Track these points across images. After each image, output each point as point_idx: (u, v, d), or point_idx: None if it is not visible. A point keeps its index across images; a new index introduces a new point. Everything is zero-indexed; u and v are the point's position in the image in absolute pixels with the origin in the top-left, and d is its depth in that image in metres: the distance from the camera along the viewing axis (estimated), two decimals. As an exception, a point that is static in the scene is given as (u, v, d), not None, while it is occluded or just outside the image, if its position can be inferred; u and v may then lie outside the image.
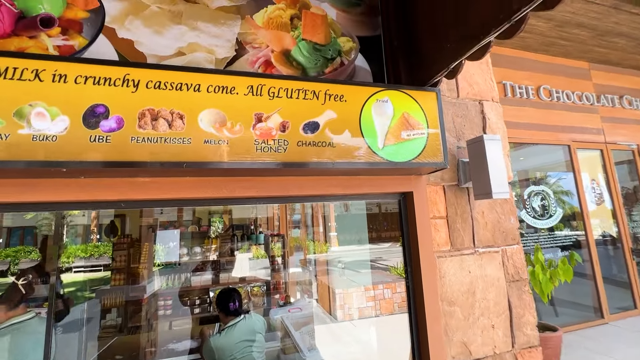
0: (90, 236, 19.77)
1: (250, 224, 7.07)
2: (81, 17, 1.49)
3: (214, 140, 1.26)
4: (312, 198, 1.63)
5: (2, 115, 1.08)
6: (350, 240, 15.71)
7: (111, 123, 1.17)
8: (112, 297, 5.18)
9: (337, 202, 1.81)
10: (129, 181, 1.35)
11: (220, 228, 12.25)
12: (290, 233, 8.39)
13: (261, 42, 1.72)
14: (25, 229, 19.90)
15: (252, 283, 5.69)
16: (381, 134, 1.48)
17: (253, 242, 6.09)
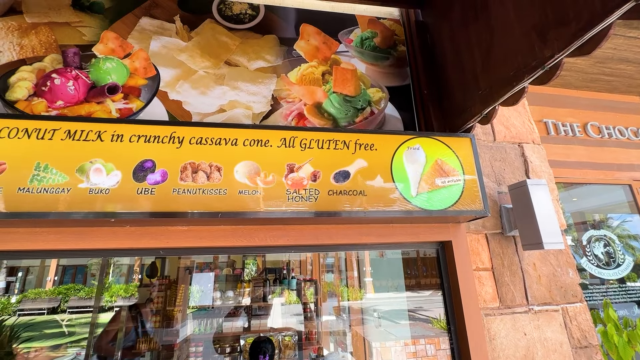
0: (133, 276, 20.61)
1: (283, 268, 6.97)
2: (141, 84, 1.72)
3: (248, 190, 1.31)
4: (344, 247, 1.58)
5: (67, 171, 1.22)
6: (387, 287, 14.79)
7: (157, 176, 1.27)
8: (147, 341, 5.18)
9: (349, 251, 1.74)
10: (168, 229, 1.42)
11: (254, 271, 12.22)
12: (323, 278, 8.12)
13: (295, 96, 1.84)
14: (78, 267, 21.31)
15: (283, 332, 5.46)
16: (414, 181, 1.45)
17: (285, 287, 5.96)
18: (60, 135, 1.26)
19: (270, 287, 5.83)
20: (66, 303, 16.13)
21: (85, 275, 19.98)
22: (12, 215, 1.15)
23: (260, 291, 5.86)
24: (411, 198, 1.42)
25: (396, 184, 1.43)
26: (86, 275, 19.95)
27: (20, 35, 1.70)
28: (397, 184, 1.43)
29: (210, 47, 1.87)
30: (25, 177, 1.19)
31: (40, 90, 1.60)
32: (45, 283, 18.70)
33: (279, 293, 6.02)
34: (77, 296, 16.50)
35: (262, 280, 5.87)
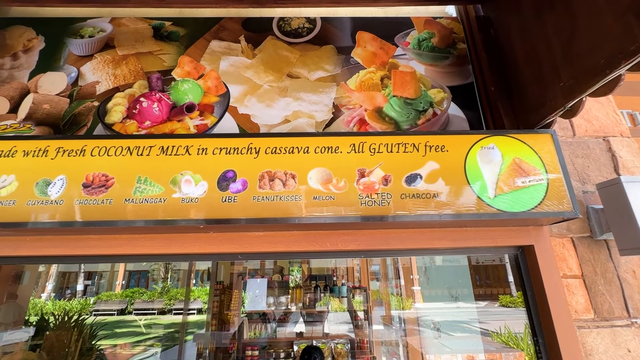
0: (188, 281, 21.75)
1: (333, 275, 6.97)
2: (213, 101, 1.86)
3: (322, 196, 1.35)
4: (415, 252, 1.55)
5: (162, 183, 1.36)
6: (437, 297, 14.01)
7: (238, 185, 1.36)
8: (206, 342, 5.46)
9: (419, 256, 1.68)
10: (246, 235, 1.50)
11: (299, 278, 12.34)
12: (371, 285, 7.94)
13: (355, 103, 1.87)
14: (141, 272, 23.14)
15: (335, 339, 5.42)
16: (491, 182, 1.38)
17: (335, 294, 5.94)
18: (155, 151, 1.41)
19: (321, 293, 5.85)
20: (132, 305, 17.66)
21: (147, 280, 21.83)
22: (121, 223, 1.31)
23: (311, 298, 5.91)
24: (489, 200, 1.35)
25: (472, 186, 1.37)
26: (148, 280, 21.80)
27: (114, 66, 1.95)
28: (472, 186, 1.37)
29: (272, 62, 1.97)
30: (129, 189, 1.35)
31: (131, 113, 1.82)
32: (115, 286, 20.75)
33: (329, 300, 6.02)
34: (140, 299, 18.01)
35: (312, 287, 5.92)
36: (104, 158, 1.40)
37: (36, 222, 1.30)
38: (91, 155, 1.40)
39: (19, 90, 1.86)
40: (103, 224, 1.29)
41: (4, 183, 1.36)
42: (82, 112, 1.82)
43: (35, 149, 1.41)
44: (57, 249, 1.49)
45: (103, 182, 1.36)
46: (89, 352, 6.58)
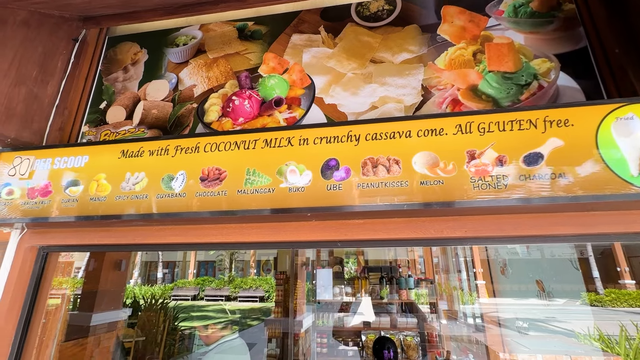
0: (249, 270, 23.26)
1: (398, 266, 6.84)
2: (300, 94, 1.90)
3: (429, 181, 1.29)
4: (530, 239, 1.41)
5: (269, 174, 1.43)
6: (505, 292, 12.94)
7: (341, 173, 1.37)
8: (273, 328, 5.74)
9: (535, 244, 1.50)
10: (346, 223, 1.52)
11: (353, 270, 12.35)
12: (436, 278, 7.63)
13: (446, 83, 1.76)
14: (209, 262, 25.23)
15: (404, 332, 5.32)
16: (632, 158, 1.19)
17: (402, 286, 5.82)
18: (260, 144, 1.48)
19: (387, 285, 5.78)
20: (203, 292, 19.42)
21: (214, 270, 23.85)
22: (233, 213, 1.41)
23: (377, 289, 5.88)
24: (632, 179, 1.17)
25: (607, 163, 1.20)
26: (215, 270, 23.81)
27: (207, 69, 2.10)
28: (608, 163, 1.20)
29: (354, 49, 1.95)
30: (241, 181, 1.44)
31: (226, 111, 1.94)
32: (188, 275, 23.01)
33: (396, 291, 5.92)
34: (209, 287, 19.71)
35: (378, 278, 5.88)
36: (216, 153, 1.51)
37: (167, 213, 1.46)
38: (204, 151, 1.53)
39: (132, 99, 2.11)
40: (222, 214, 1.40)
41: (137, 179, 1.55)
42: (184, 114, 1.99)
43: (158, 148, 1.58)
44: (178, 237, 1.67)
45: (217, 175, 1.48)
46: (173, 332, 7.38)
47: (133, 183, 1.55)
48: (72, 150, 1.68)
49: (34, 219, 1.60)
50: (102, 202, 1.55)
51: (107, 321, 3.17)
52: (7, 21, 1.77)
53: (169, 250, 1.74)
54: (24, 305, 1.75)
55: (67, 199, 1.59)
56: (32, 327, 1.76)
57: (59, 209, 1.59)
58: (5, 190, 1.67)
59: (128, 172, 1.57)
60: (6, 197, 1.66)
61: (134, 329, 6.40)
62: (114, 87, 2.18)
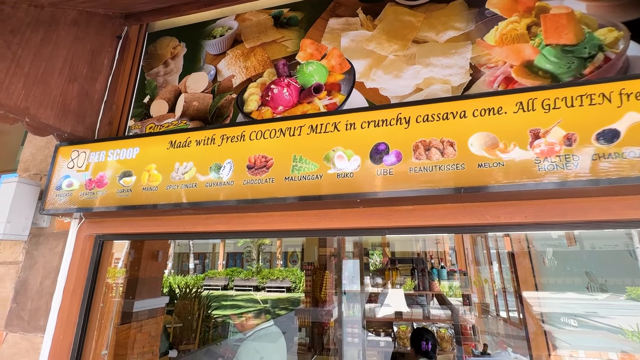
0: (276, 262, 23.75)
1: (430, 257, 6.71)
2: (339, 79, 1.86)
3: (488, 163, 1.22)
4: (598, 224, 1.30)
5: (317, 160, 1.41)
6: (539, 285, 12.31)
7: (392, 157, 1.33)
8: (303, 317, 5.81)
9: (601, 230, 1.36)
10: (393, 209, 1.48)
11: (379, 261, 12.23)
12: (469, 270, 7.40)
13: (497, 60, 1.65)
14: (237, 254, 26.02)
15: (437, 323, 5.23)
16: None
17: (433, 277, 5.71)
18: (305, 130, 1.47)
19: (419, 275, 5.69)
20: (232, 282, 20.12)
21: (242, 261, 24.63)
22: (281, 200, 1.41)
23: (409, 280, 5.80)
24: None
25: (698, 138, 1.07)
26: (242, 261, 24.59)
27: (244, 59, 2.10)
28: (699, 138, 1.07)
29: (395, 30, 1.87)
30: (287, 168, 1.44)
31: (265, 100, 1.94)
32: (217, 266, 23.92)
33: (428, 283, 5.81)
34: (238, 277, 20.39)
35: (409, 269, 5.79)
36: (261, 141, 1.51)
37: (217, 201, 1.49)
38: (250, 140, 1.54)
39: (173, 92, 2.16)
40: (271, 201, 1.41)
41: (185, 169, 1.59)
42: (224, 105, 2.01)
43: (204, 138, 1.61)
44: (224, 225, 1.70)
45: (264, 163, 1.48)
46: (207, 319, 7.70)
47: (182, 172, 1.59)
48: (123, 143, 1.75)
49: (92, 209, 1.69)
50: (154, 191, 1.61)
51: (147, 308, 3.33)
52: (59, 21, 1.85)
53: (216, 239, 1.79)
54: (85, 289, 1.87)
55: (122, 189, 1.66)
56: (93, 309, 1.88)
57: (114, 198, 1.66)
58: (65, 182, 1.78)
59: (177, 162, 1.61)
60: (66, 189, 1.77)
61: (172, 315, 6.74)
62: (156, 81, 2.24)
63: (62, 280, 1.86)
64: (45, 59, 1.77)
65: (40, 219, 1.98)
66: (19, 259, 2.00)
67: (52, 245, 1.97)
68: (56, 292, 1.84)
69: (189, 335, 6.69)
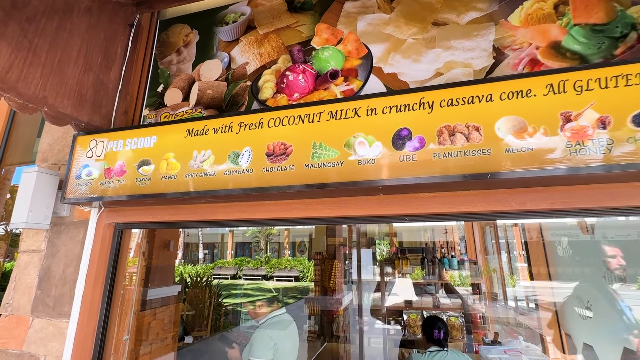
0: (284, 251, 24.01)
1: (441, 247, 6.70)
2: (356, 64, 1.82)
3: (515, 148, 1.18)
4: (628, 211, 1.27)
5: (337, 146, 1.39)
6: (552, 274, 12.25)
7: (415, 143, 1.30)
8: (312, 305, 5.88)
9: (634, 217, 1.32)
10: (415, 197, 1.46)
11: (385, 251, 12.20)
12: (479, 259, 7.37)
13: (522, 42, 1.59)
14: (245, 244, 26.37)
15: (447, 312, 5.25)
16: None
17: (444, 266, 5.70)
18: (325, 116, 1.44)
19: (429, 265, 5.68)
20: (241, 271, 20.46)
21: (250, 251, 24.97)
22: (304, 187, 1.40)
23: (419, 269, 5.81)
24: None
25: None
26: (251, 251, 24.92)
27: (258, 45, 2.07)
28: None
29: (413, 13, 1.81)
30: (307, 155, 1.42)
31: (280, 87, 1.91)
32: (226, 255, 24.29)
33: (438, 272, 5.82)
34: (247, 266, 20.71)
35: (419, 259, 5.79)
36: (280, 128, 1.50)
37: (236, 189, 1.48)
38: (268, 127, 1.52)
39: (187, 81, 2.14)
40: (291, 188, 1.40)
41: (204, 157, 1.58)
42: (238, 93, 1.99)
43: (222, 125, 1.60)
44: (243, 213, 1.70)
45: (282, 150, 1.46)
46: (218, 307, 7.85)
47: (200, 161, 1.58)
48: (140, 132, 1.75)
49: (112, 197, 1.70)
50: (173, 180, 1.61)
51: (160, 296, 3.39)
52: (73, 9, 1.83)
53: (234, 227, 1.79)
54: (107, 276, 1.90)
55: (141, 177, 1.67)
56: (115, 296, 1.92)
57: (133, 187, 1.67)
58: (85, 172, 1.79)
59: (195, 150, 1.61)
60: (86, 178, 1.78)
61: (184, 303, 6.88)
62: (169, 69, 2.22)
63: (84, 268, 1.90)
64: (60, 48, 1.76)
65: (60, 208, 2.01)
66: (41, 248, 2.04)
67: (72, 234, 2.01)
68: (79, 280, 1.88)
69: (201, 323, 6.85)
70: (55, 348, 1.81)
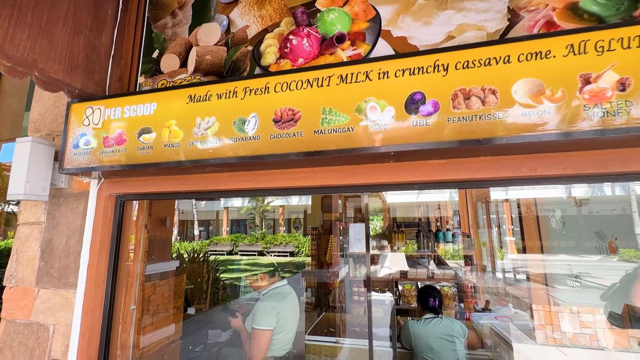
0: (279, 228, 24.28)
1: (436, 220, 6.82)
2: (363, 27, 1.74)
3: (532, 111, 1.16)
4: (636, 176, 1.28)
5: (348, 112, 1.35)
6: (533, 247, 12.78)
7: (428, 107, 1.26)
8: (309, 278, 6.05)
9: None
10: (425, 164, 1.44)
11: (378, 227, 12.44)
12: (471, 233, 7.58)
13: (538, 2, 1.52)
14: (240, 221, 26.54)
15: (441, 282, 5.45)
16: None
17: (440, 239, 5.84)
18: (334, 80, 1.39)
19: (424, 238, 5.82)
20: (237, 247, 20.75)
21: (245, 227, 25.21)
22: (313, 154, 1.37)
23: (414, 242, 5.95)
24: None
25: None
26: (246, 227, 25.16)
27: (259, 7, 1.95)
28: None
29: (425, -29, 1.71)
30: (317, 121, 1.38)
31: (283, 52, 1.83)
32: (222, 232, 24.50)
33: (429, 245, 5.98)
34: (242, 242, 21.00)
35: (414, 232, 5.91)
36: (287, 93, 1.44)
37: (243, 157, 1.45)
38: (275, 92, 1.46)
39: (184, 46, 2.03)
40: (300, 155, 1.37)
41: (207, 124, 1.53)
42: (239, 58, 1.90)
43: (225, 91, 1.53)
44: (248, 183, 1.68)
45: (291, 116, 1.42)
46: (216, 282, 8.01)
47: (204, 128, 1.53)
48: (139, 98, 1.67)
49: (113, 167, 1.65)
50: (176, 148, 1.56)
51: (159, 271, 3.43)
52: (57, -37, 1.69)
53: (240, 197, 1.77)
54: (111, 247, 1.89)
55: (142, 146, 1.62)
56: (120, 267, 1.92)
57: (135, 156, 1.62)
58: (82, 141, 1.73)
59: (198, 117, 1.55)
60: (84, 147, 1.72)
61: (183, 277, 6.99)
62: (164, 34, 2.10)
63: (87, 239, 1.88)
64: (47, 7, 1.63)
65: (58, 180, 1.95)
66: (41, 220, 2.00)
67: (72, 205, 1.97)
68: (83, 251, 1.86)
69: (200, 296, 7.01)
70: (64, 317, 1.82)
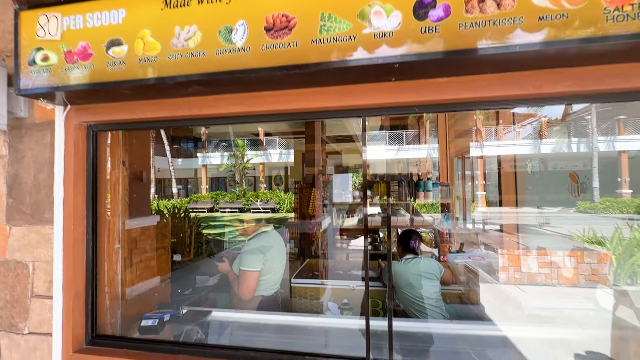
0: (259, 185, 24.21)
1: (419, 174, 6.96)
2: None
3: (551, 15, 1.08)
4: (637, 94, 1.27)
5: (349, 18, 1.21)
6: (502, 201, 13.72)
7: (439, 12, 1.15)
8: (292, 230, 6.19)
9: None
10: (427, 82, 1.36)
11: (357, 183, 12.70)
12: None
13: None
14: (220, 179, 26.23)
15: (419, 228, 5.71)
16: None
17: (420, 189, 6.01)
18: (333, -20, 1.22)
19: (405, 188, 5.97)
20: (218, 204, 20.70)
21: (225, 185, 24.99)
22: (306, 67, 1.24)
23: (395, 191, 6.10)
24: None
25: None
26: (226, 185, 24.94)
27: None
28: None
29: None
30: (314, 29, 1.23)
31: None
32: (201, 190, 24.19)
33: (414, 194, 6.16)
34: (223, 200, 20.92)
35: (397, 182, 6.04)
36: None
37: (231, 71, 1.30)
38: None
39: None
40: (301, 67, 1.24)
41: (188, 34, 1.34)
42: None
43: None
44: (236, 106, 1.54)
45: (285, 23, 1.26)
46: (199, 236, 8.04)
47: (185, 39, 1.34)
48: (103, 4, 1.43)
49: (80, 85, 1.45)
50: (154, 62, 1.37)
51: (139, 226, 3.34)
52: None
53: (226, 123, 1.64)
54: (87, 181, 1.76)
55: (112, 61, 1.41)
56: (100, 202, 1.80)
57: (105, 72, 1.42)
58: (39, 56, 1.48)
59: (177, 26, 1.35)
60: (42, 64, 1.48)
61: (163, 233, 6.93)
62: None
63: (59, 173, 1.72)
64: None
65: (17, 107, 1.72)
66: (2, 153, 1.80)
67: (37, 137, 1.76)
68: (56, 186, 1.71)
69: (183, 250, 7.03)
70: (44, 254, 1.72)
